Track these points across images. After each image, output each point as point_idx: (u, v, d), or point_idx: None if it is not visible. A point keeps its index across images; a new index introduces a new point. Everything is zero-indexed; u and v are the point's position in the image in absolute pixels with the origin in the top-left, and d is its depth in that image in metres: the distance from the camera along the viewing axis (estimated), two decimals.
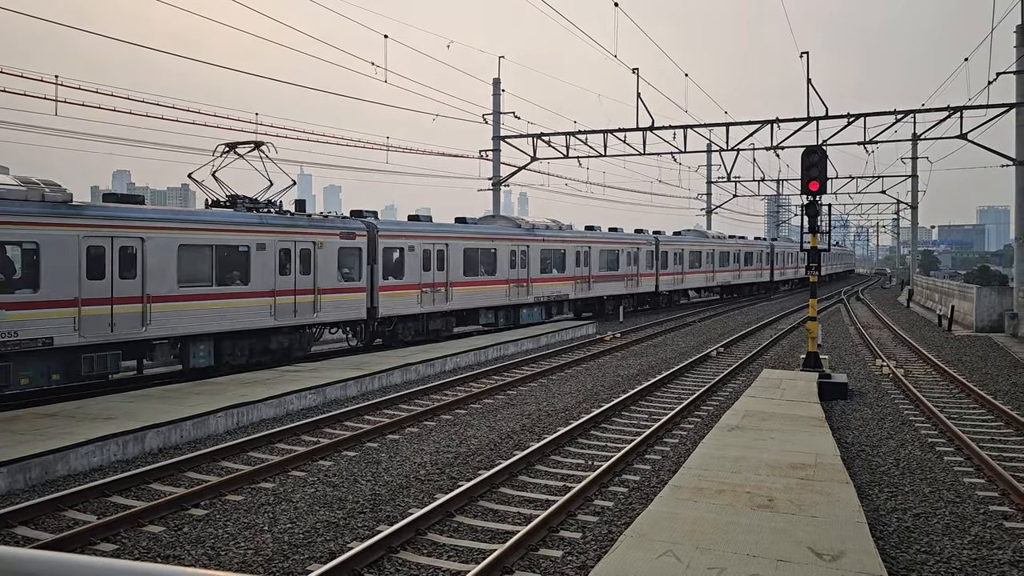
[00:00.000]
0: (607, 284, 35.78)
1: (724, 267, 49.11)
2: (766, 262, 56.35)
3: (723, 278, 49.02)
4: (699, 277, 45.71)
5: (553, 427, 13.31)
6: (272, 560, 7.43)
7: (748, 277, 53.58)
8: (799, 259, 61.18)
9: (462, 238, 25.75)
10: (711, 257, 47.12)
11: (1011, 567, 7.34)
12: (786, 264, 61.30)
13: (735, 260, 50.84)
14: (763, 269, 56.31)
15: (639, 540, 6.89)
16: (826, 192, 17.26)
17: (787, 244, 62.75)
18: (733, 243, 50.66)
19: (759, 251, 55.38)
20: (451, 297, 25.04)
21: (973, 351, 24.67)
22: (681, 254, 43.15)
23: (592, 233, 35.66)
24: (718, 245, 48.17)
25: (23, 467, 9.70)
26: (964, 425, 13.59)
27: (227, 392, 14.43)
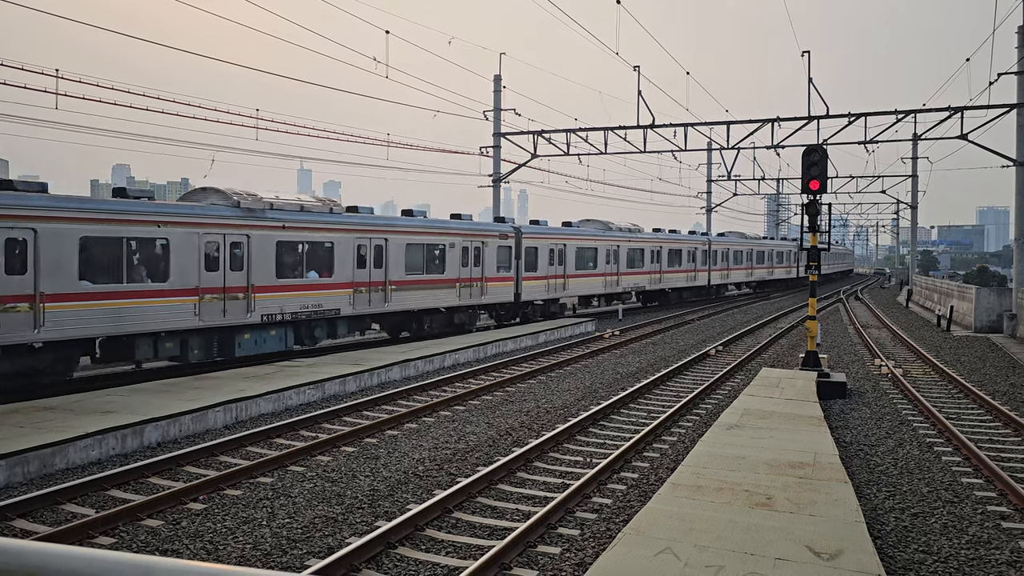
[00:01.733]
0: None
1: (634, 268, 37.68)
2: (702, 262, 46.41)
3: (633, 282, 37.71)
4: (596, 282, 34.76)
5: (552, 424, 13.31)
6: (270, 555, 7.43)
7: (672, 281, 42.43)
8: (753, 258, 55.46)
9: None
10: (614, 256, 35.65)
11: (1008, 567, 7.35)
12: (734, 264, 51.75)
13: (654, 259, 39.74)
14: (696, 271, 45.51)
15: (638, 537, 6.89)
16: (826, 191, 17.26)
17: (736, 240, 52.91)
18: (645, 237, 39.41)
19: (691, 249, 44.55)
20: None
21: (972, 351, 24.69)
22: (563, 251, 32.04)
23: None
24: (622, 239, 36.52)
25: (21, 460, 9.69)
26: (962, 425, 13.61)
27: (226, 387, 14.42)
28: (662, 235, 41.43)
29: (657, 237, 40.27)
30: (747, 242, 52.25)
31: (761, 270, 55.03)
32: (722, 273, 48.82)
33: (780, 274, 59.17)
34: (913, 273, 62.15)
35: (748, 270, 52.97)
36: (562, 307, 32.50)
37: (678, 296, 44.20)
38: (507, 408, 14.66)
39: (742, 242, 51.72)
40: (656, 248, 39.80)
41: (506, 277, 27.81)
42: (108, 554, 1.12)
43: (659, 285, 40.22)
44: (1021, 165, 29.22)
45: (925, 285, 52.39)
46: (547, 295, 30.45)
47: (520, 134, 35.83)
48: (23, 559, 1.10)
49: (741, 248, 51.61)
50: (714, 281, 47.81)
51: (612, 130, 34.18)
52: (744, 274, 52.30)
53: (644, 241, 38.54)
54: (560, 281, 31.13)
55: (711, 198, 62.68)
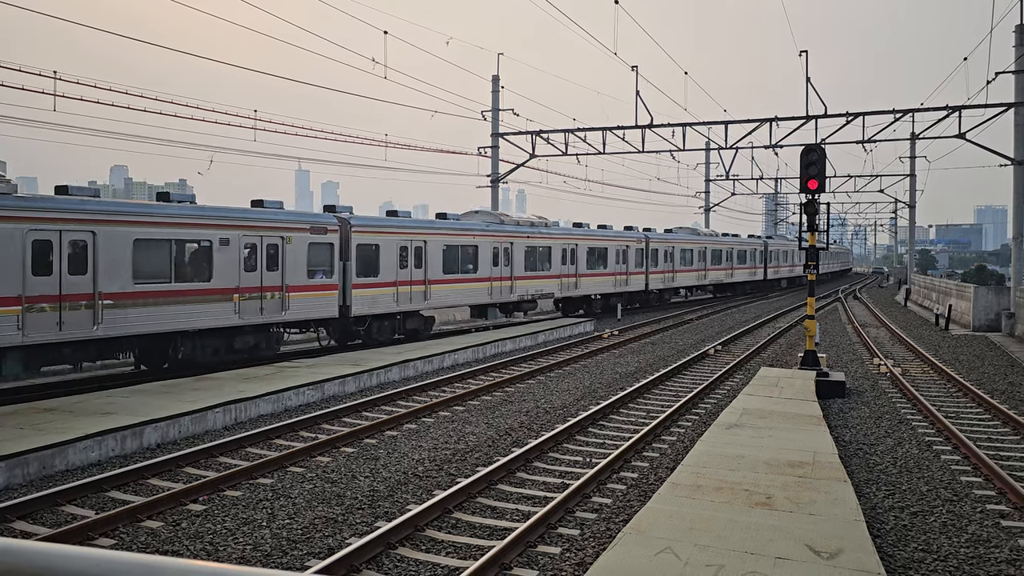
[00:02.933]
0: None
1: (537, 271, 30.55)
2: (637, 262, 38.37)
3: (535, 287, 30.44)
4: (476, 289, 27.80)
5: (551, 424, 13.32)
6: (270, 555, 7.43)
7: (595, 285, 34.91)
8: (708, 257, 46.93)
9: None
10: (505, 255, 28.57)
11: (1008, 565, 7.36)
12: (682, 265, 43.58)
13: (567, 260, 32.52)
14: (629, 273, 37.71)
15: (638, 537, 6.90)
16: (824, 191, 17.28)
17: (686, 236, 45.27)
18: (553, 232, 32.07)
19: (620, 247, 36.73)
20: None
21: (970, 350, 24.71)
22: (422, 250, 24.66)
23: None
24: (518, 235, 29.22)
25: (21, 462, 9.69)
26: (961, 424, 13.62)
27: (225, 388, 14.42)
28: (580, 231, 34.49)
29: (572, 233, 33.36)
30: (698, 239, 45.85)
31: (718, 272, 48.33)
32: (664, 276, 41.33)
33: (743, 276, 52.82)
34: (911, 272, 62.21)
35: (700, 272, 45.78)
36: (427, 322, 24.71)
37: (605, 303, 36.81)
38: (506, 408, 14.66)
39: (692, 239, 45.15)
40: (569, 246, 32.59)
41: (323, 285, 20.28)
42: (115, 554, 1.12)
43: (575, 291, 33.25)
44: (1019, 164, 29.25)
45: (923, 284, 52.44)
46: (396, 307, 22.62)
47: (518, 134, 35.86)
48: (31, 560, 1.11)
49: (691, 246, 44.57)
50: (653, 285, 40.26)
51: (610, 130, 34.21)
52: (695, 276, 45.27)
53: (550, 238, 31.19)
54: (420, 289, 23.47)
55: (709, 198, 62.74)
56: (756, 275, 55.63)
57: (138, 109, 23.87)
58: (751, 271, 54.67)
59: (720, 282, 49.86)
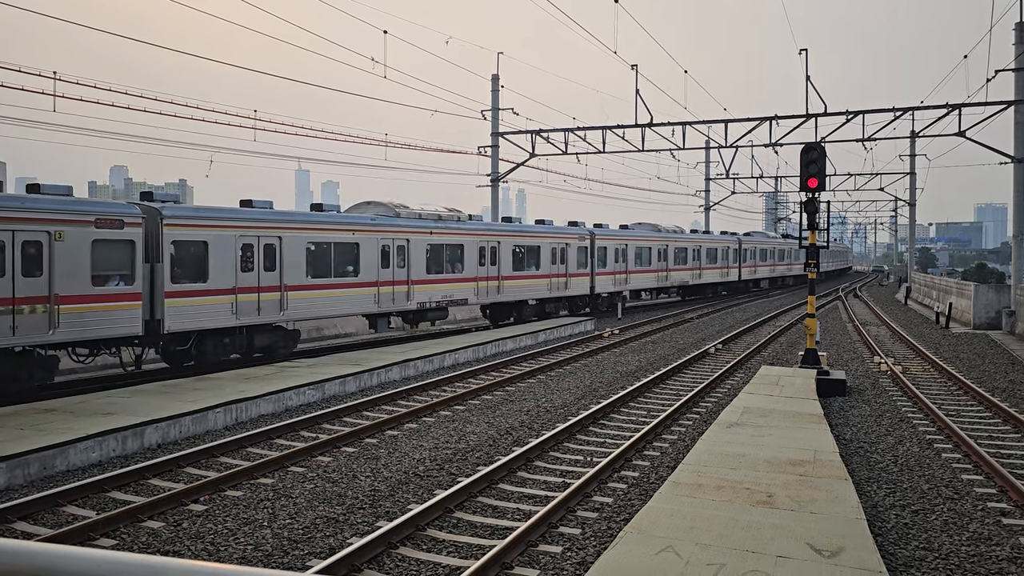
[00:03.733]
0: None
1: (443, 274, 24.82)
2: (580, 263, 32.87)
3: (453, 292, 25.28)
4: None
5: (552, 423, 13.32)
6: (272, 555, 7.44)
7: (523, 290, 29.24)
8: (672, 256, 41.64)
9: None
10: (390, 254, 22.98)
11: (1009, 563, 7.36)
12: (638, 265, 37.87)
13: (489, 260, 27.15)
14: (573, 275, 32.31)
15: (639, 536, 6.90)
16: (825, 189, 17.28)
17: (643, 233, 39.76)
18: (480, 228, 26.97)
19: (559, 246, 31.22)
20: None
21: (971, 348, 24.71)
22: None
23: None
24: (411, 229, 23.59)
25: (22, 462, 9.69)
26: (962, 422, 13.62)
27: (226, 388, 14.42)
28: (505, 225, 28.56)
29: (493, 228, 27.12)
30: (658, 236, 40.11)
31: (683, 272, 42.91)
32: (616, 277, 35.32)
33: (714, 276, 47.77)
34: (912, 270, 62.21)
35: (661, 272, 40.09)
36: (288, 336, 20.16)
37: (540, 309, 31.19)
38: (507, 407, 14.66)
39: (651, 236, 39.30)
40: (490, 244, 26.67)
41: (117, 295, 15.97)
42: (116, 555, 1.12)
43: (498, 296, 27.46)
44: (1019, 162, 29.25)
45: (924, 282, 52.43)
46: (235, 320, 18.13)
47: (518, 133, 35.85)
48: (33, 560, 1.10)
49: (649, 244, 38.91)
50: (602, 288, 34.38)
51: (610, 129, 34.21)
52: (654, 278, 39.40)
53: (463, 233, 25.42)
54: (274, 297, 18.92)
55: (709, 196, 62.74)
56: (729, 275, 50.36)
57: (138, 109, 23.89)
58: (723, 271, 49.44)
59: (686, 283, 44.18)
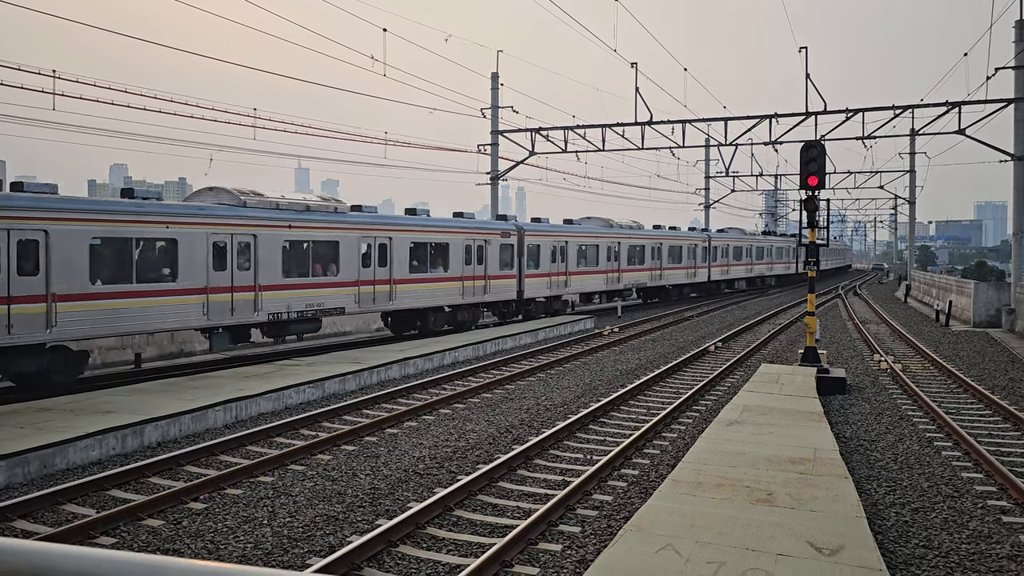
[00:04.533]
0: None
1: (308, 278, 20.38)
2: (505, 262, 28.13)
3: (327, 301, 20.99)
4: None
5: (552, 421, 13.32)
6: (271, 553, 7.43)
7: (425, 296, 24.41)
8: (625, 256, 36.94)
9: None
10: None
11: (1009, 561, 7.36)
12: (582, 265, 33.40)
13: (376, 260, 22.58)
14: (494, 277, 27.54)
15: (639, 534, 6.90)
16: (824, 187, 17.27)
17: (590, 229, 35.23)
18: (365, 220, 22.51)
19: (475, 244, 26.51)
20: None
21: (970, 346, 24.71)
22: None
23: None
24: (259, 222, 19.07)
25: (22, 461, 9.69)
26: (962, 420, 13.62)
27: (225, 386, 14.42)
28: (396, 218, 24.26)
29: (381, 222, 22.95)
30: (608, 233, 35.99)
31: (639, 272, 38.64)
32: (552, 279, 30.92)
33: (678, 277, 43.34)
34: (911, 268, 62.21)
35: (612, 273, 35.94)
36: (62, 358, 15.51)
37: (452, 317, 26.39)
38: (507, 405, 14.66)
39: (596, 232, 34.98)
40: (377, 241, 22.32)
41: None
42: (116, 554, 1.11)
43: (389, 304, 22.98)
44: (1019, 160, 29.24)
45: (923, 280, 52.42)
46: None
47: (518, 131, 35.82)
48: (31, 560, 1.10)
49: (595, 241, 34.42)
50: (533, 292, 29.96)
51: (610, 127, 34.17)
52: (603, 279, 35.32)
53: (337, 227, 21.14)
54: (29, 311, 14.23)
55: (709, 194, 62.73)
56: (696, 276, 45.67)
57: (137, 108, 23.85)
58: (689, 271, 44.52)
59: (643, 285, 39.65)
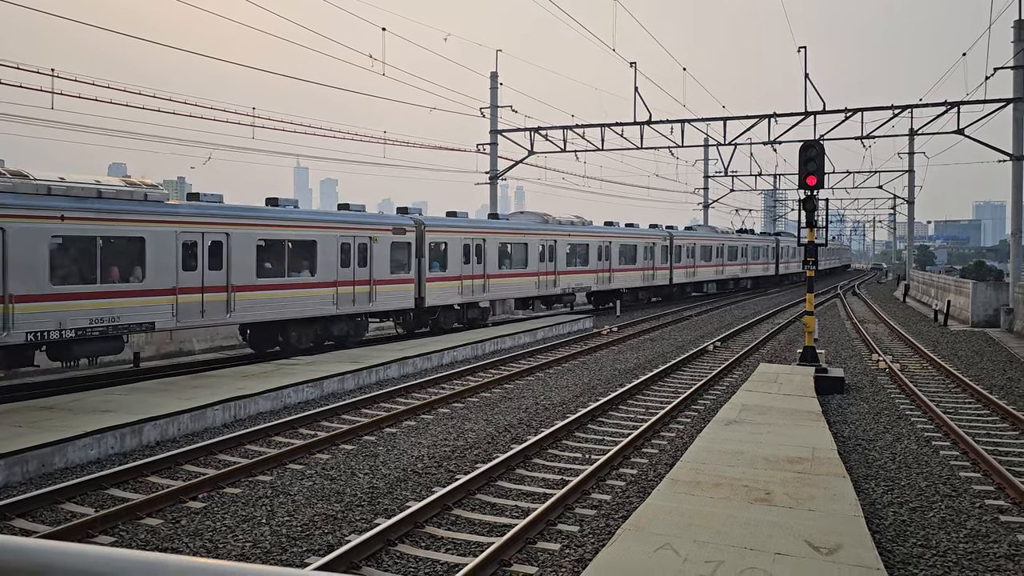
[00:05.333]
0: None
1: (100, 283, 15.62)
2: (399, 265, 23.33)
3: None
4: None
5: (550, 421, 13.32)
6: (270, 552, 7.44)
7: (281, 306, 19.55)
8: (563, 255, 32.06)
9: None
10: None
11: (1006, 560, 7.37)
12: (506, 267, 28.46)
13: (208, 261, 17.71)
14: (383, 282, 22.60)
15: (637, 533, 6.90)
16: (823, 187, 17.27)
17: (521, 224, 30.42)
18: (197, 211, 17.68)
19: (356, 242, 21.71)
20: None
21: (969, 346, 24.73)
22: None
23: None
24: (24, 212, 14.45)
25: (20, 460, 9.69)
26: (960, 420, 13.63)
27: (224, 385, 14.42)
28: (241, 209, 18.90)
29: (218, 213, 17.95)
30: (541, 229, 30.96)
31: (583, 275, 33.94)
32: (471, 283, 26.21)
33: (632, 280, 38.44)
34: (910, 268, 62.24)
35: (547, 276, 30.87)
36: None
37: (326, 333, 21.36)
38: (506, 405, 14.67)
39: (524, 228, 30.02)
40: (209, 238, 17.53)
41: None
42: (114, 551, 1.12)
43: (235, 315, 18.22)
44: (1018, 159, 29.26)
45: (922, 280, 52.45)
46: None
47: (517, 131, 35.83)
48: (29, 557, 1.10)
49: (522, 239, 29.40)
50: (438, 299, 24.75)
51: (609, 126, 34.18)
52: (533, 283, 29.90)
53: (152, 219, 16.24)
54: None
55: (708, 194, 62.75)
56: (656, 279, 40.81)
57: (136, 107, 23.83)
58: (646, 273, 39.69)
59: (587, 289, 35.04)
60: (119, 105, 22.99)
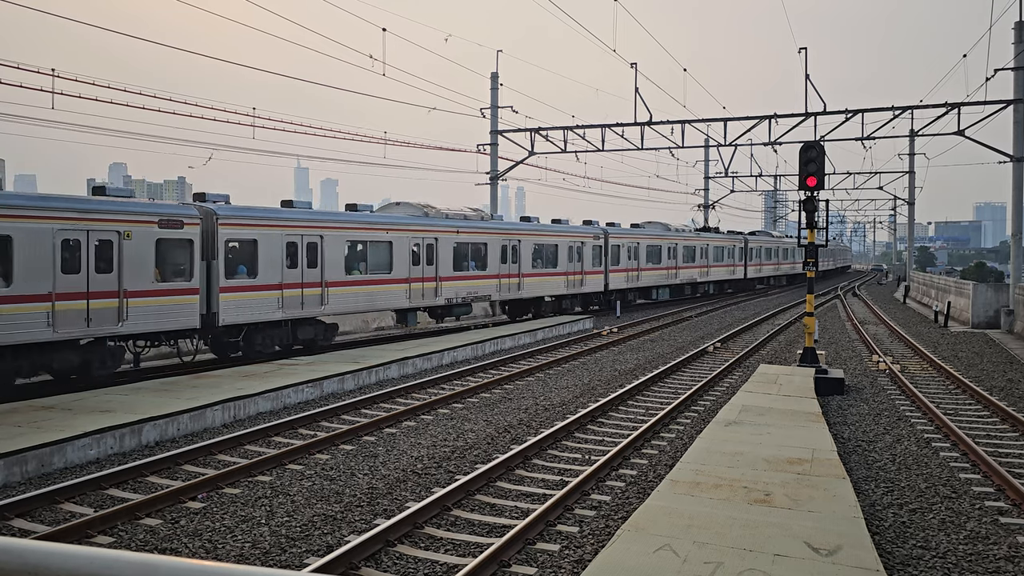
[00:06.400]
0: None
1: None
2: (298, 265, 19.76)
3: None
4: None
5: (550, 421, 13.32)
6: (269, 553, 7.43)
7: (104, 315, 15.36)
8: (438, 256, 24.91)
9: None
10: None
11: (1006, 562, 7.36)
12: (374, 272, 22.60)
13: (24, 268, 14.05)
14: (230, 290, 18.08)
15: (636, 534, 6.90)
16: (824, 188, 17.27)
17: (407, 219, 24.26)
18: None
19: (167, 239, 16.70)
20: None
21: (969, 347, 24.72)
22: None
23: None
24: None
25: (20, 460, 9.68)
26: (960, 421, 13.63)
27: (224, 385, 14.42)
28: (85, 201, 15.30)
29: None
30: (429, 225, 24.85)
31: (483, 280, 27.39)
32: (342, 291, 20.90)
33: (553, 287, 31.60)
34: (910, 269, 62.23)
35: (423, 282, 24.21)
36: None
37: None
38: (506, 405, 14.66)
39: (405, 223, 23.80)
40: (58, 236, 14.09)
41: None
42: (108, 552, 1.12)
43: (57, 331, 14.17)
44: (1018, 161, 29.25)
45: (922, 281, 52.43)
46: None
47: (517, 131, 35.83)
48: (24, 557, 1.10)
49: (404, 234, 23.53)
50: (295, 309, 19.35)
51: (609, 127, 34.18)
52: (397, 293, 23.29)
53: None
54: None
55: (708, 195, 62.75)
56: (586, 284, 33.63)
57: (137, 107, 23.87)
58: (571, 278, 32.83)
59: (485, 297, 27.60)
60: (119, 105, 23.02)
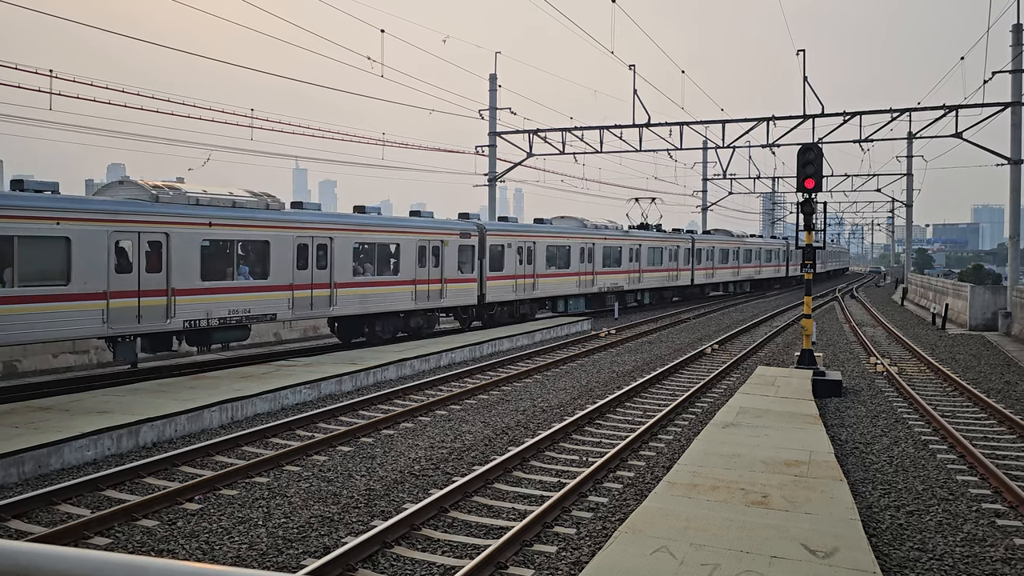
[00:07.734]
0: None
1: None
2: (108, 271, 15.18)
3: None
4: None
5: (548, 423, 13.32)
6: (266, 554, 7.42)
7: None
8: (271, 258, 18.67)
9: None
10: None
11: (1003, 564, 7.37)
12: (251, 279, 18.40)
13: None
14: (71, 298, 14.59)
15: (633, 536, 6.90)
16: (821, 190, 17.29)
17: (251, 214, 18.41)
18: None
19: None
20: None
21: (967, 349, 24.75)
22: None
23: None
24: None
25: (16, 461, 9.66)
26: (957, 423, 13.64)
27: (221, 386, 14.40)
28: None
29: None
30: (312, 221, 20.32)
31: (376, 288, 22.02)
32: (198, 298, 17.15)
33: (451, 297, 25.06)
34: (908, 271, 62.28)
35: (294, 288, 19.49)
36: None
37: None
38: (503, 407, 14.66)
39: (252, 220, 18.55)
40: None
41: None
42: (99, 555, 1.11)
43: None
44: (1016, 163, 29.30)
45: (920, 283, 52.48)
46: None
47: (516, 133, 35.83)
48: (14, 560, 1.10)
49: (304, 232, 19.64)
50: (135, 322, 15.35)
51: (608, 129, 34.19)
52: (230, 303, 17.88)
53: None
54: None
55: (706, 197, 62.77)
56: (440, 298, 24.34)
57: (135, 107, 23.84)
58: (419, 288, 23.56)
59: (326, 315, 20.98)
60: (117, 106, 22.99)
